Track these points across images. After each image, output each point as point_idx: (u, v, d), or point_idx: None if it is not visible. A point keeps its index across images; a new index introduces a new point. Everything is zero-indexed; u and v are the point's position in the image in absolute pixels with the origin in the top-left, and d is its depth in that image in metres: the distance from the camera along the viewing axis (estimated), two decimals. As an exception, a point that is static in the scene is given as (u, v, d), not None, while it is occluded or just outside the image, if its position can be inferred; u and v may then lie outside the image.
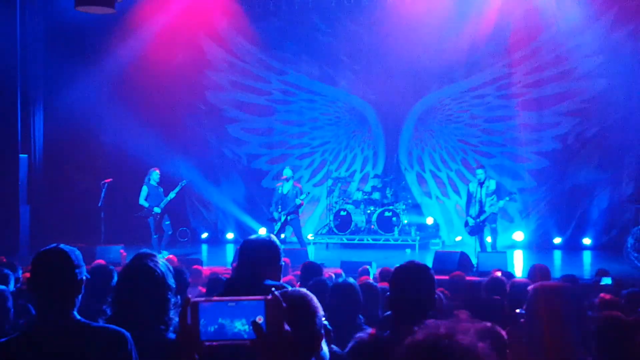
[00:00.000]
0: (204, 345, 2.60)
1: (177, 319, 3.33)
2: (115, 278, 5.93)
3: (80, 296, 3.55)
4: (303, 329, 3.07)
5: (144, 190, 16.36)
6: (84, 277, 3.55)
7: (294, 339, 2.58)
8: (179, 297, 3.91)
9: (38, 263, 3.54)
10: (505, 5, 19.02)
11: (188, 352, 2.62)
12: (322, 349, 3.21)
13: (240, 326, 2.67)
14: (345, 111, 21.32)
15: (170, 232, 16.74)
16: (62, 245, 3.59)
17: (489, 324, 4.75)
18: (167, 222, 16.56)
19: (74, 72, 18.51)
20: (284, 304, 2.60)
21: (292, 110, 21.45)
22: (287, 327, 2.61)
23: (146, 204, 16.32)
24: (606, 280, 8.62)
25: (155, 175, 16.44)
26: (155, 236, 16.38)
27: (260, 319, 2.65)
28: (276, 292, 2.59)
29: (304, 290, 3.25)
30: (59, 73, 18.55)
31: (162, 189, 16.51)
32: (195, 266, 10.91)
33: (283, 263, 4.69)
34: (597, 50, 18.65)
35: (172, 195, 16.45)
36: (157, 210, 16.28)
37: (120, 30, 18.76)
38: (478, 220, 15.13)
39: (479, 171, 15.40)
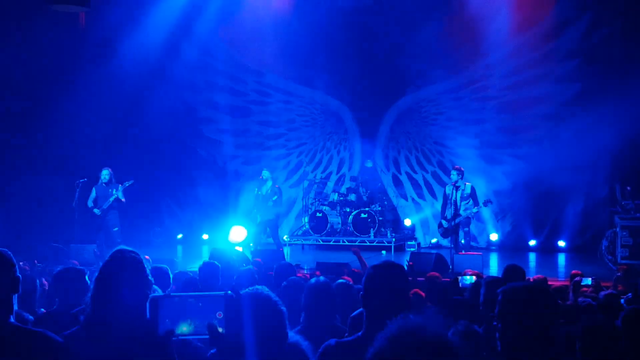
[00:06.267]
0: (164, 340, 2.56)
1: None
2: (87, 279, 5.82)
3: (16, 296, 3.51)
4: (266, 327, 3.03)
5: (92, 191, 15.37)
6: (19, 276, 3.51)
7: (255, 336, 2.55)
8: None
9: None
10: (482, 8, 19.10)
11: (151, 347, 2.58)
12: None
13: (202, 322, 2.63)
14: (322, 112, 21.29)
15: (118, 240, 14.96)
16: None
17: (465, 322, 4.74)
18: (116, 229, 15.21)
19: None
20: (244, 301, 2.57)
21: (268, 111, 21.38)
22: (247, 323, 2.58)
23: (91, 205, 15.41)
24: (586, 281, 8.64)
25: (103, 174, 15.33)
26: (97, 242, 14.96)
27: (220, 315, 2.61)
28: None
29: (266, 290, 3.23)
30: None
31: (114, 190, 15.33)
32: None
33: None
34: (573, 54, 18.76)
35: (115, 196, 15.15)
36: (96, 212, 15.19)
37: (94, 30, 18.56)
38: (452, 223, 15.07)
39: (454, 172, 15.25)
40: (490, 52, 19.53)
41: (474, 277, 9.21)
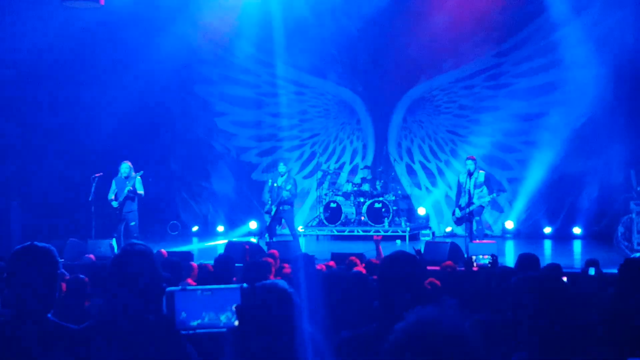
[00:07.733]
0: (181, 334, 2.58)
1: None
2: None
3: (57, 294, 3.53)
4: (281, 318, 3.06)
5: (112, 184, 15.33)
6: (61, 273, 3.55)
7: (271, 328, 2.57)
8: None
9: (19, 260, 3.54)
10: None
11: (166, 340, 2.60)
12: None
13: (217, 315, 2.66)
14: (334, 103, 21.29)
15: (135, 234, 15.05)
16: (37, 243, 3.59)
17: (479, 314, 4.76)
18: (133, 224, 15.19)
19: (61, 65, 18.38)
20: (261, 294, 2.59)
21: (280, 103, 21.36)
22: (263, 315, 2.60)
23: (111, 198, 15.33)
24: (591, 271, 8.53)
25: (122, 167, 15.24)
26: (115, 235, 14.93)
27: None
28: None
29: (282, 282, 3.25)
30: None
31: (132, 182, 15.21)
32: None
33: None
34: (586, 39, 18.62)
35: (128, 187, 15.01)
36: (114, 204, 15.15)
37: (109, 21, 18.55)
38: (466, 210, 15.04)
39: (469, 162, 15.19)
40: (501, 40, 19.48)
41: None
